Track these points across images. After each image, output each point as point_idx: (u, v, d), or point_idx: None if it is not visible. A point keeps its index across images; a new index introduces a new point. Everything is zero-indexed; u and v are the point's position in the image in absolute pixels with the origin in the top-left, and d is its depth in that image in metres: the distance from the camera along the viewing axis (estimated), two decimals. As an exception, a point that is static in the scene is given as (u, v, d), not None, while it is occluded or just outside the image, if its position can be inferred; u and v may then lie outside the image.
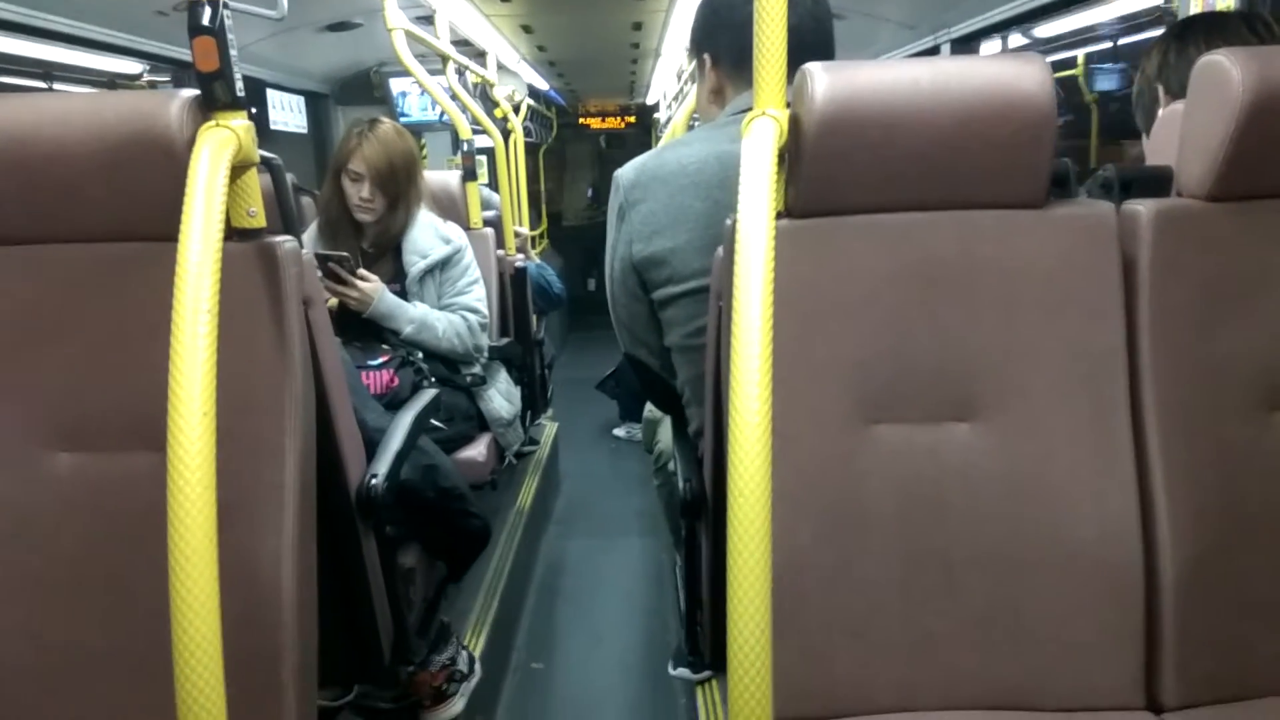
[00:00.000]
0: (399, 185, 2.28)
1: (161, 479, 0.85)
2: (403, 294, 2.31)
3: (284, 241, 1.13)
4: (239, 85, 1.09)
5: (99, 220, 1.12)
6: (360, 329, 2.23)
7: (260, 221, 1.13)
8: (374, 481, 1.28)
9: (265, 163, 1.15)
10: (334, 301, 2.23)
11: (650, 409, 2.12)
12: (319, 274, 2.16)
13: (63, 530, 1.12)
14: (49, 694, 1.11)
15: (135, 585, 1.07)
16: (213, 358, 0.88)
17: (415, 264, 2.32)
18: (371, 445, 1.40)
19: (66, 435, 1.13)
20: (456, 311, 2.35)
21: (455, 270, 2.37)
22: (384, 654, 1.36)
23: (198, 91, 1.07)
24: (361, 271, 2.19)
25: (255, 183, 1.13)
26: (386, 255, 2.34)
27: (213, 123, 1.05)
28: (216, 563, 0.85)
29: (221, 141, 1.02)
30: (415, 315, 2.27)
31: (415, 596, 1.52)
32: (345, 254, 2.18)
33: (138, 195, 1.09)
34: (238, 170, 1.09)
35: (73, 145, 1.07)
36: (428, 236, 2.35)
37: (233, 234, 1.11)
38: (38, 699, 1.11)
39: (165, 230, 0.94)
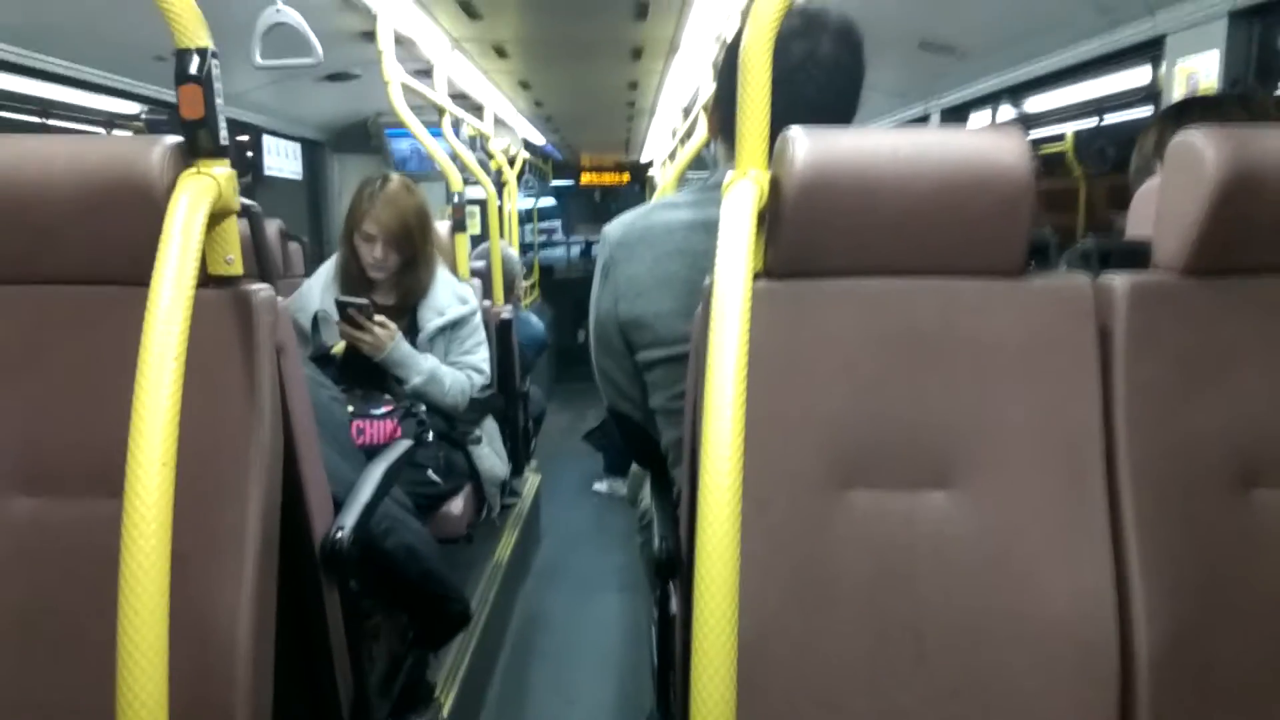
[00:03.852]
0: (414, 243, 2.31)
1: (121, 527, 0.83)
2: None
3: (259, 290, 1.12)
4: (223, 133, 1.09)
5: (75, 263, 1.11)
6: (364, 378, 2.23)
7: (237, 269, 1.13)
8: (339, 535, 1.25)
9: (245, 210, 1.15)
10: (340, 347, 2.23)
11: None
12: (336, 319, 2.19)
13: (16, 577, 1.09)
14: None
15: (89, 636, 1.04)
16: (176, 405, 0.87)
17: (432, 320, 2.34)
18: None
19: (27, 480, 1.11)
20: (463, 370, 2.36)
21: (465, 330, 2.40)
22: (342, 712, 1.32)
23: (180, 138, 1.08)
24: (380, 318, 2.21)
25: (234, 230, 1.13)
26: (404, 310, 2.35)
27: (194, 169, 1.06)
28: (167, 615, 0.83)
29: (202, 188, 1.02)
30: (426, 367, 2.27)
31: (380, 654, 1.48)
32: (366, 301, 2.20)
33: (115, 239, 1.08)
34: (217, 217, 1.08)
35: (53, 187, 1.07)
36: (446, 295, 2.38)
37: (209, 281, 1.11)
38: None
39: (140, 275, 0.94)
